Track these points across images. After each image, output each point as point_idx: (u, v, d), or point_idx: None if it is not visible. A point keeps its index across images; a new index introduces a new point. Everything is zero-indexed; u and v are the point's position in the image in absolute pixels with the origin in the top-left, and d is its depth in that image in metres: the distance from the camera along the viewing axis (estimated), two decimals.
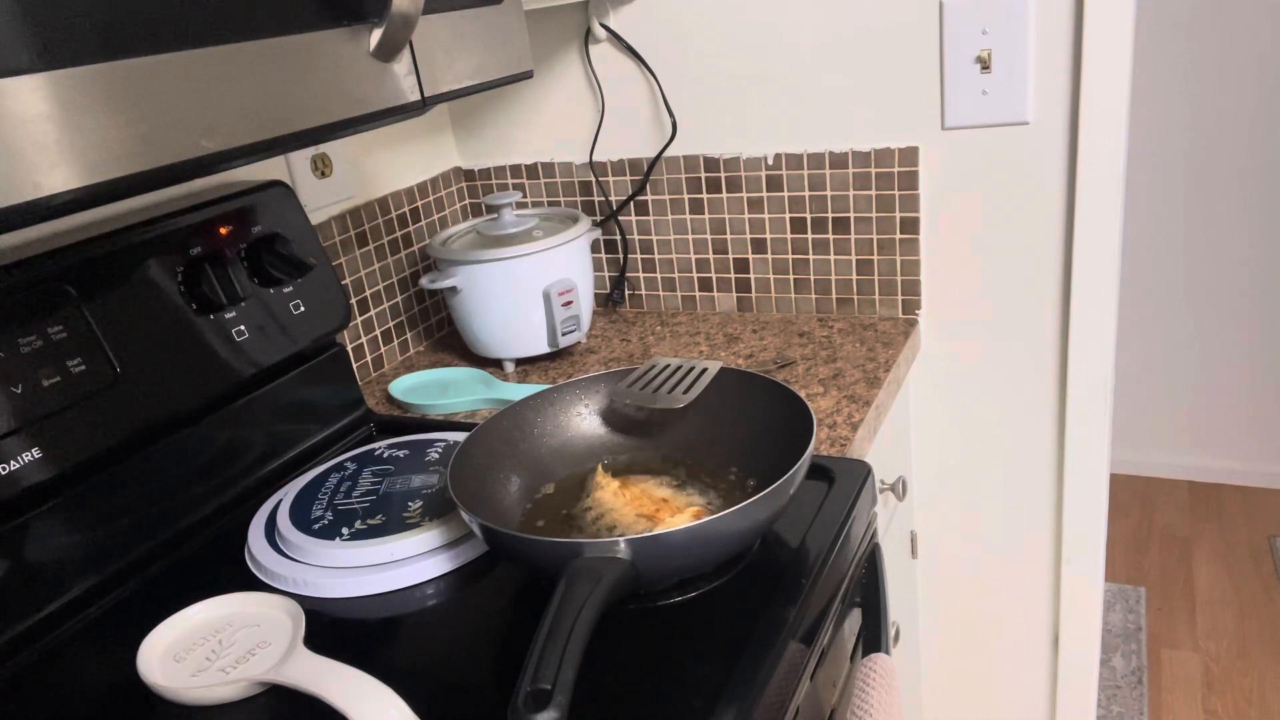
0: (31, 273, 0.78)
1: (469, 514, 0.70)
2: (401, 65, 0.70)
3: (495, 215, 1.25)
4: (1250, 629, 2.05)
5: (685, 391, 0.84)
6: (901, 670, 1.32)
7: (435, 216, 1.40)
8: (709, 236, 1.33)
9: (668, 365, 0.89)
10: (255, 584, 0.80)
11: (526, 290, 1.17)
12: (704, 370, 0.87)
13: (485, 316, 1.20)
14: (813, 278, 1.29)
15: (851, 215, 1.24)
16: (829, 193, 1.24)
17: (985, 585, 1.38)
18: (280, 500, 0.89)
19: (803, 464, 0.71)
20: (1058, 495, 1.28)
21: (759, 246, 1.31)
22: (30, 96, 0.47)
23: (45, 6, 0.47)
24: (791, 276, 1.30)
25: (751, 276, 1.33)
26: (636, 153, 1.33)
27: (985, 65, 1.10)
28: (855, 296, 1.28)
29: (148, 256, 0.86)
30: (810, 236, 1.27)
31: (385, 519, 0.82)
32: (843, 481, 0.84)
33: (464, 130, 1.43)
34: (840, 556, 0.78)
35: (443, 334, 1.42)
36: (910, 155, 1.18)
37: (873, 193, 1.21)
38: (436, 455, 0.92)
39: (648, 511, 0.78)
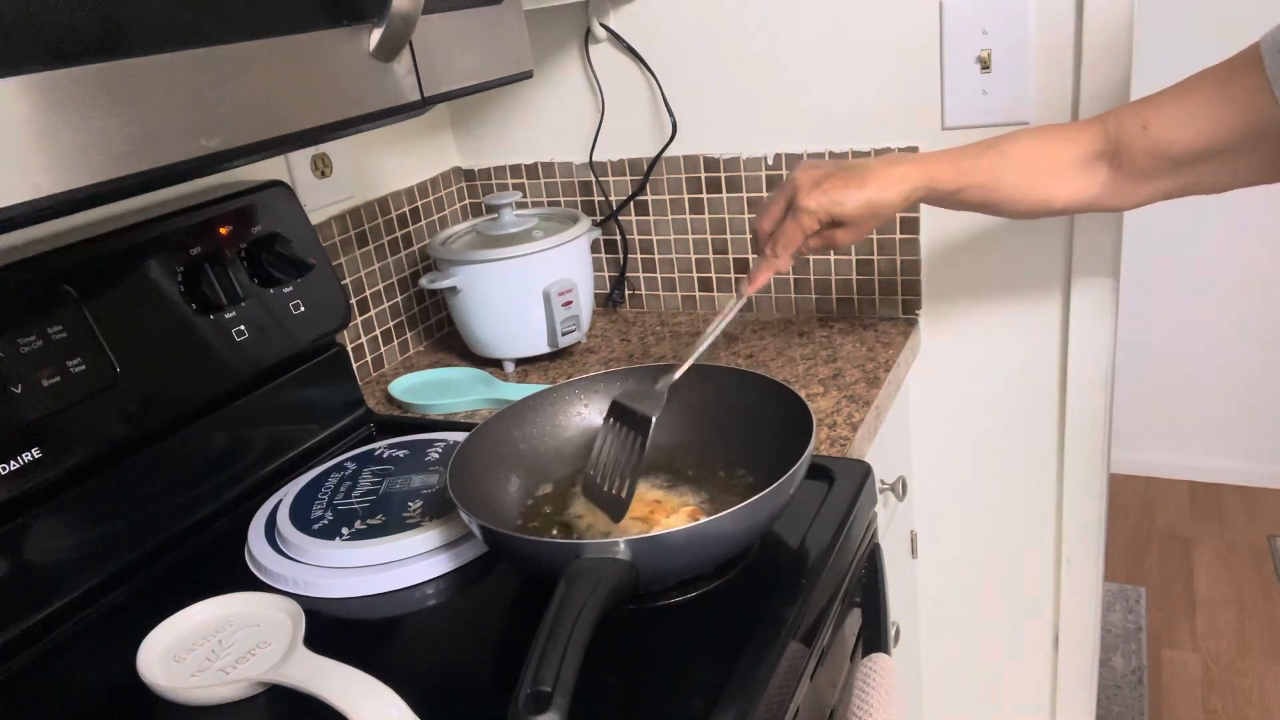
0: (31, 273, 0.78)
1: (468, 514, 0.70)
2: (401, 65, 0.70)
3: (495, 215, 1.25)
4: (1250, 629, 2.05)
5: (620, 489, 0.76)
6: (901, 670, 1.32)
7: (435, 216, 1.40)
8: (709, 236, 1.33)
9: (608, 436, 0.80)
10: (255, 584, 0.80)
11: (526, 290, 1.17)
12: (634, 440, 0.78)
13: (485, 316, 1.20)
14: (813, 278, 1.29)
15: None
16: None
17: (985, 585, 1.38)
18: (280, 500, 0.89)
19: (802, 464, 0.71)
20: (1058, 495, 1.28)
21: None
22: (30, 96, 0.47)
23: (44, 6, 0.47)
24: (791, 276, 1.30)
25: None
26: (636, 153, 1.33)
27: (985, 65, 1.10)
28: (855, 296, 1.28)
29: (148, 256, 0.86)
30: None
31: (385, 519, 0.82)
32: (843, 481, 0.84)
33: (464, 130, 1.43)
34: (840, 556, 0.78)
35: (443, 334, 1.42)
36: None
37: None
38: (436, 455, 0.92)
39: (641, 514, 0.78)
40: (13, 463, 0.73)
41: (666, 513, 0.78)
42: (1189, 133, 0.80)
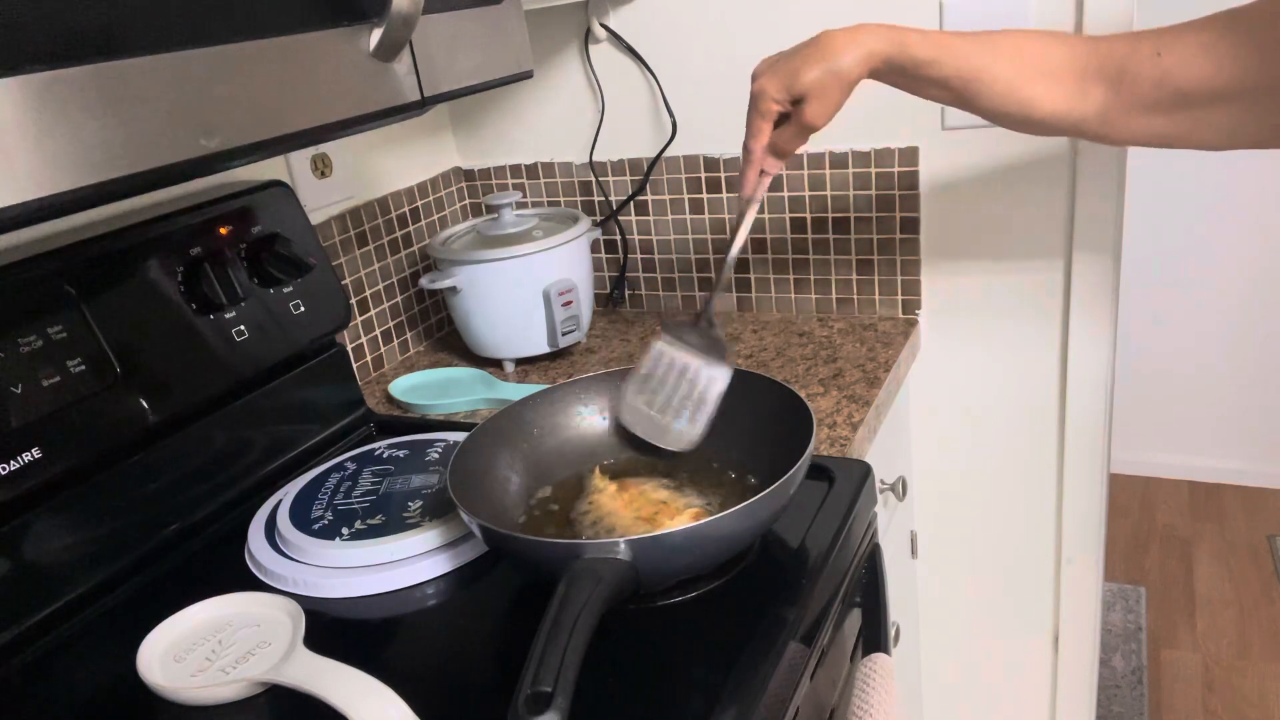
0: (31, 273, 0.78)
1: (468, 514, 0.70)
2: (401, 65, 0.70)
3: (495, 215, 1.25)
4: (1250, 629, 2.05)
5: (691, 421, 0.83)
6: (901, 670, 1.32)
7: (435, 216, 1.40)
8: (709, 236, 1.33)
9: (670, 365, 0.87)
10: (255, 584, 0.80)
11: (526, 290, 1.17)
12: (710, 380, 0.84)
13: (485, 316, 1.20)
14: (813, 278, 1.29)
15: (851, 215, 1.24)
16: (829, 193, 1.24)
17: (985, 585, 1.38)
18: (280, 500, 0.89)
19: (803, 464, 0.71)
20: (1058, 495, 1.28)
21: (759, 246, 1.31)
22: (29, 96, 0.47)
23: (45, 6, 0.47)
24: (791, 276, 1.30)
25: (751, 276, 1.33)
26: (636, 153, 1.33)
27: None
28: (855, 296, 1.28)
29: (148, 256, 0.86)
30: (810, 236, 1.27)
31: (385, 519, 0.82)
32: (843, 481, 0.84)
33: (464, 130, 1.43)
34: (840, 556, 0.78)
35: (443, 334, 1.42)
36: (910, 155, 1.18)
37: (873, 193, 1.21)
38: (436, 455, 0.92)
39: (646, 514, 0.78)
40: (13, 463, 0.73)
41: (671, 514, 0.78)
42: (1206, 69, 0.74)
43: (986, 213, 1.17)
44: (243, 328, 0.92)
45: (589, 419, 0.90)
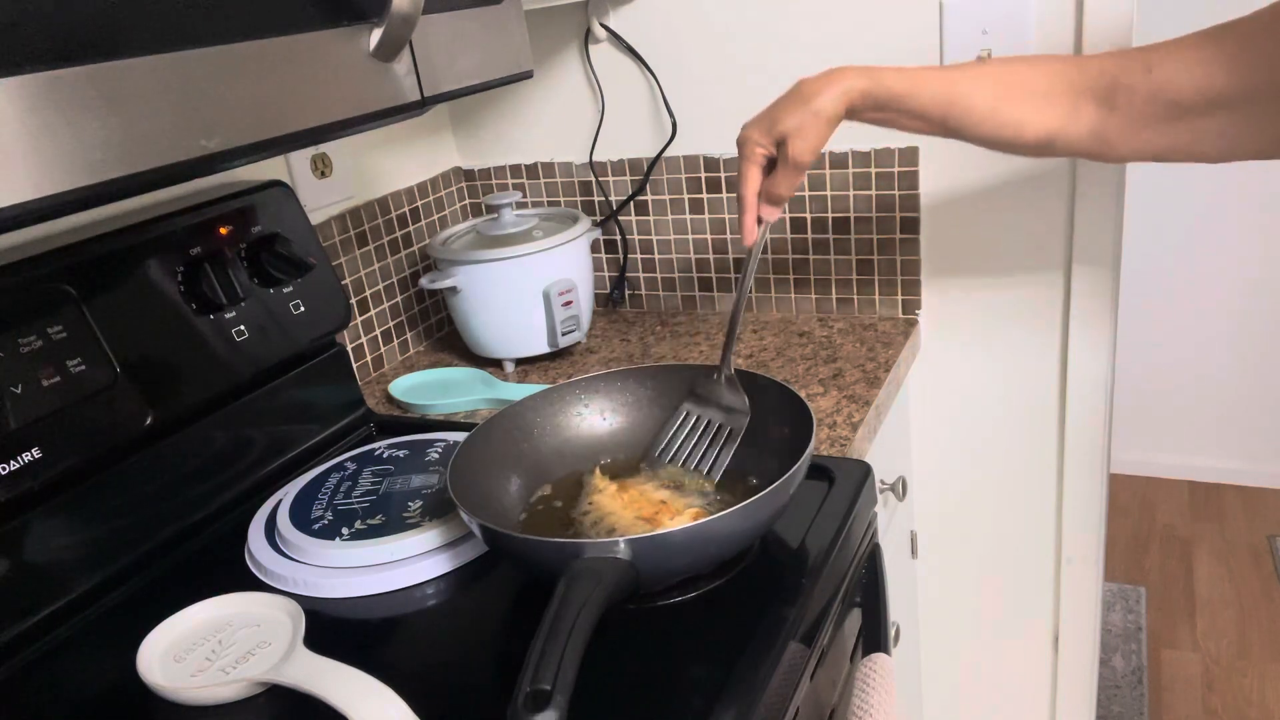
0: (31, 273, 0.78)
1: (469, 514, 0.70)
2: (401, 65, 0.70)
3: (495, 215, 1.25)
4: (1250, 629, 2.05)
5: (709, 470, 0.84)
6: (901, 670, 1.32)
7: (435, 216, 1.40)
8: (709, 236, 1.33)
9: (693, 420, 0.87)
10: (255, 584, 0.80)
11: (526, 290, 1.17)
12: (729, 433, 0.85)
13: (485, 316, 1.20)
14: (813, 278, 1.29)
15: (851, 215, 1.24)
16: (829, 193, 1.24)
17: (985, 585, 1.38)
18: (280, 500, 0.89)
19: (803, 464, 0.71)
20: (1058, 495, 1.28)
21: None
22: (29, 96, 0.47)
23: (45, 6, 0.47)
24: (791, 276, 1.30)
25: None
26: (636, 153, 1.33)
27: None
28: (855, 296, 1.28)
29: (148, 256, 0.86)
30: (810, 236, 1.27)
31: (385, 519, 0.82)
32: (843, 481, 0.84)
33: (464, 130, 1.43)
34: (840, 556, 0.78)
35: (443, 334, 1.42)
36: (910, 155, 1.18)
37: (873, 193, 1.21)
38: (436, 455, 0.92)
39: (647, 514, 0.78)
40: (13, 463, 0.73)
41: (671, 514, 0.78)
42: (1199, 78, 0.73)
43: (987, 213, 1.17)
44: (243, 328, 0.92)
45: (589, 419, 0.90)
